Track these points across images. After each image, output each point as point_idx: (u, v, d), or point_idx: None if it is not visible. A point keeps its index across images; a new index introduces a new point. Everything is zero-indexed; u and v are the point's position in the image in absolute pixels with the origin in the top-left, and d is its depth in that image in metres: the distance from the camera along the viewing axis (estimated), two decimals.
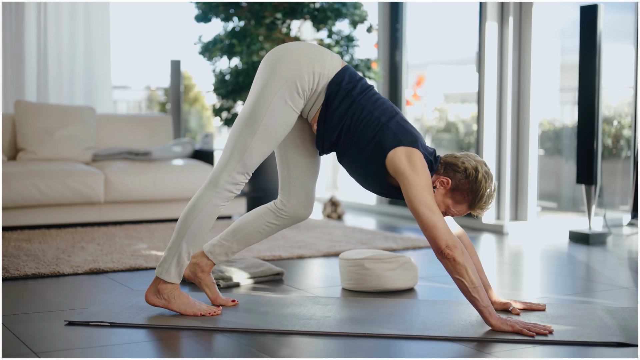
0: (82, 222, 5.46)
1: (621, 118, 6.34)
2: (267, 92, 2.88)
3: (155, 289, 3.01)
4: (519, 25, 5.73)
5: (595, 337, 2.71)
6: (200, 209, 2.93)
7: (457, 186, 2.94)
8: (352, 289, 3.56)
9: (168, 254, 2.98)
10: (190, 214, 2.94)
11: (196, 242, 2.97)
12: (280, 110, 2.88)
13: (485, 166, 2.95)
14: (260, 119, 2.88)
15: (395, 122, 2.91)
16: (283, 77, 2.87)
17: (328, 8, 5.89)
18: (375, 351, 2.63)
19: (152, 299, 3.01)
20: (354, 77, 2.96)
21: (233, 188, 2.94)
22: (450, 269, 2.77)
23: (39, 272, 3.80)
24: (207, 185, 2.94)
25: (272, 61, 2.92)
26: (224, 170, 2.92)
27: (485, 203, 2.95)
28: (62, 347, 2.61)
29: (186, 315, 2.97)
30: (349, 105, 2.91)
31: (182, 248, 2.96)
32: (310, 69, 2.88)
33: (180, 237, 2.96)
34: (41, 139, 5.81)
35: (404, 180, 2.82)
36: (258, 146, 2.90)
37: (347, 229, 5.44)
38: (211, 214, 2.94)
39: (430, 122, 7.68)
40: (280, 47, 2.97)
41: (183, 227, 2.95)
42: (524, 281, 4.00)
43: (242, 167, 2.91)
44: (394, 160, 2.85)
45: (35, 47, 6.84)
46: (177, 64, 6.89)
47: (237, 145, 2.91)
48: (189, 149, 6.22)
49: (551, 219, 6.03)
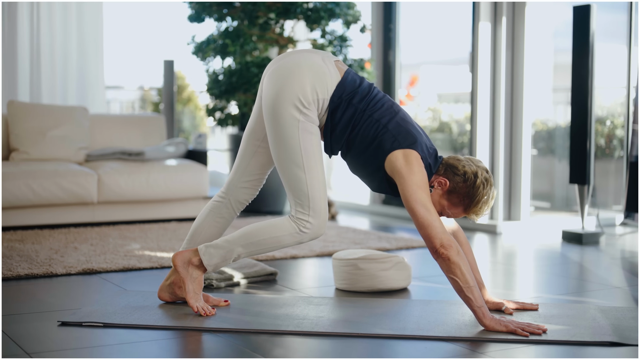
0: (75, 222, 5.45)
1: (614, 118, 6.36)
2: (287, 124, 2.89)
3: (189, 258, 3.03)
4: (512, 26, 5.73)
5: (588, 337, 2.71)
6: (277, 232, 2.95)
7: (455, 189, 2.95)
8: (345, 289, 3.56)
9: (224, 244, 3.00)
10: (268, 230, 2.97)
11: (250, 254, 3.01)
12: (307, 132, 2.91)
13: (487, 173, 2.95)
14: (299, 150, 2.90)
15: (395, 123, 2.92)
16: (292, 104, 2.88)
17: (321, 8, 5.90)
18: (368, 351, 2.63)
19: (178, 262, 3.03)
20: (354, 85, 2.97)
21: (304, 229, 2.95)
22: (444, 268, 2.78)
23: (32, 273, 3.79)
24: (289, 218, 2.96)
25: (275, 87, 2.92)
26: (297, 212, 2.94)
27: (480, 209, 2.96)
28: (55, 347, 2.61)
29: (187, 300, 3.00)
30: (351, 115, 2.94)
31: (236, 250, 2.99)
32: (314, 96, 2.90)
33: (242, 240, 2.98)
34: (34, 139, 5.80)
35: (400, 179, 2.84)
36: (313, 175, 2.92)
37: (341, 229, 5.44)
38: (282, 242, 2.97)
39: (424, 122, 7.68)
40: (279, 70, 2.95)
41: (252, 235, 2.98)
42: (517, 281, 4.00)
43: (313, 212, 2.93)
44: (391, 161, 2.88)
45: (28, 47, 6.82)
46: (171, 64, 6.88)
47: (299, 189, 2.92)
48: (182, 149, 6.22)
49: (544, 218, 6.04)
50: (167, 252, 4.43)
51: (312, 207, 2.92)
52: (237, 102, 6.19)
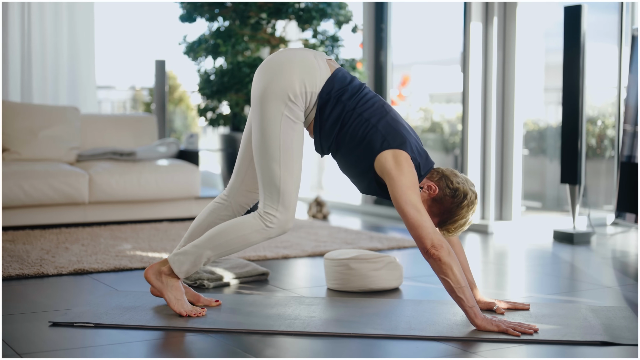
0: (66, 222, 5.44)
1: (605, 118, 6.37)
2: (270, 118, 2.89)
3: (159, 269, 3.02)
4: (504, 26, 5.74)
5: (579, 336, 2.72)
6: (243, 231, 2.94)
7: (441, 199, 2.95)
8: (337, 289, 3.56)
9: (191, 249, 2.99)
10: (233, 229, 2.96)
11: (219, 255, 3.00)
12: (290, 129, 2.90)
13: (475, 199, 2.96)
14: (278, 145, 2.89)
15: (385, 123, 2.92)
16: (279, 98, 2.88)
17: (313, 8, 5.89)
18: (360, 351, 2.63)
19: (150, 277, 3.02)
20: (344, 82, 2.96)
21: (270, 224, 2.94)
22: (436, 268, 2.78)
23: (23, 273, 3.78)
24: (256, 214, 2.95)
25: (264, 80, 2.92)
26: (265, 206, 2.93)
27: (454, 228, 2.97)
28: (46, 348, 2.60)
29: (172, 309, 2.98)
30: (340, 112, 2.93)
31: (205, 253, 2.98)
32: (302, 89, 2.89)
33: (210, 243, 2.97)
34: (25, 139, 5.78)
35: (390, 180, 2.84)
36: (288, 171, 2.91)
37: (333, 229, 5.44)
38: (250, 240, 2.96)
39: (415, 122, 7.69)
40: (270, 64, 2.95)
41: (218, 237, 2.97)
42: (508, 281, 4.01)
43: (282, 207, 2.92)
44: (381, 161, 2.87)
45: (19, 47, 6.80)
46: (162, 64, 6.87)
47: (272, 182, 2.91)
48: (174, 149, 6.21)
49: (536, 218, 6.05)
50: (159, 252, 4.42)
51: (282, 202, 2.91)
52: (228, 102, 6.18)
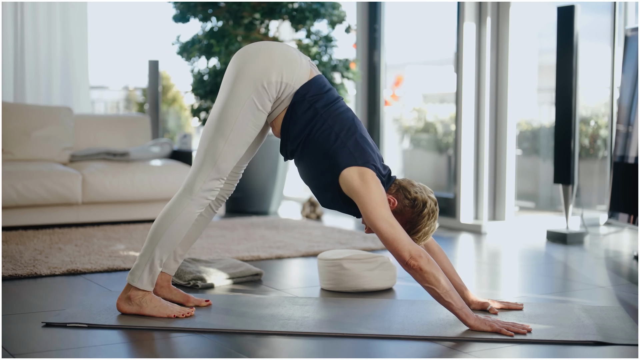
0: (59, 223, 5.43)
1: (598, 118, 6.39)
2: (236, 96, 2.86)
3: (126, 296, 2.99)
4: (497, 26, 5.75)
5: (572, 336, 2.72)
6: (175, 216, 2.92)
7: (401, 211, 2.94)
8: (330, 289, 3.56)
9: (140, 261, 2.96)
10: (165, 221, 2.93)
11: (170, 249, 2.96)
12: (251, 113, 2.88)
13: (435, 205, 2.95)
14: (232, 124, 2.87)
15: (354, 140, 2.89)
16: (252, 80, 2.86)
17: (306, 8, 5.90)
18: (353, 351, 2.63)
19: (123, 307, 2.99)
20: (321, 89, 2.94)
21: (208, 194, 2.93)
22: (418, 278, 2.78)
23: (16, 274, 3.77)
24: (182, 192, 2.93)
25: (242, 61, 2.90)
26: (197, 177, 2.91)
27: (418, 238, 2.96)
28: (39, 348, 2.60)
29: (160, 317, 2.96)
30: (310, 117, 2.91)
31: (155, 255, 2.94)
32: (278, 78, 2.86)
33: (154, 244, 2.94)
34: (18, 140, 5.77)
35: (359, 198, 2.83)
36: (231, 150, 2.89)
37: (326, 229, 5.44)
38: (186, 221, 2.93)
39: (409, 123, 7.69)
40: (252, 47, 2.94)
41: (157, 234, 2.93)
42: (501, 281, 4.02)
43: (216, 172, 2.90)
44: (346, 179, 2.85)
45: (12, 47, 6.79)
46: (155, 64, 6.86)
47: (209, 151, 2.90)
48: (167, 149, 6.20)
49: (529, 218, 6.06)
50: None
51: (212, 175, 2.89)
52: None
